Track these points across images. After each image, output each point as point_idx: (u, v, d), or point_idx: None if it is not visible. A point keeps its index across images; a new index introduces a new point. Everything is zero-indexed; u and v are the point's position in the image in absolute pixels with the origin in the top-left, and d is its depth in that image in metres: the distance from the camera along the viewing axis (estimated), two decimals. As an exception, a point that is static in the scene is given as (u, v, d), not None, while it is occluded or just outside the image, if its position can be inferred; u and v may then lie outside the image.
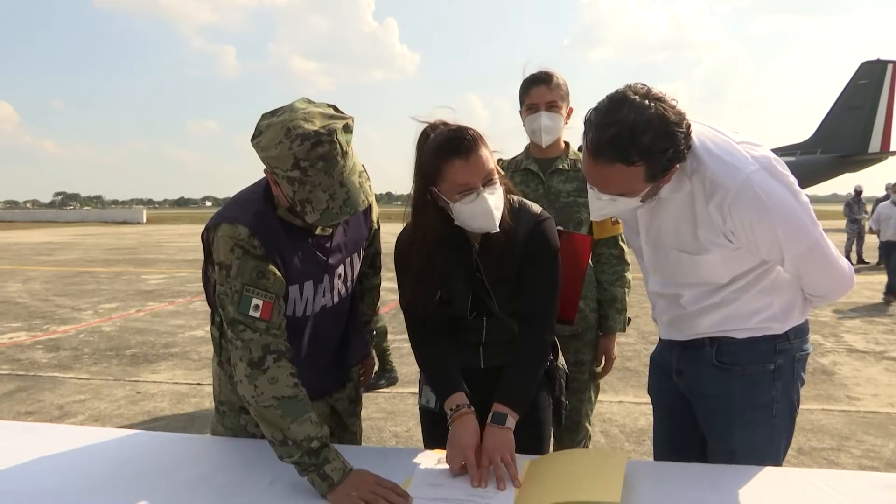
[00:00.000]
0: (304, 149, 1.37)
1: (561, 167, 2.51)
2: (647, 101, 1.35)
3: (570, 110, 2.51)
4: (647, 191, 1.47)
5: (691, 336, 1.68)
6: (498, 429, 1.56)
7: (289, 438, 1.44)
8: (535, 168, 2.52)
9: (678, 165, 1.43)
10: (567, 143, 2.58)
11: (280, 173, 1.42)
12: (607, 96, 1.41)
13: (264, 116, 1.47)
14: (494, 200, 1.57)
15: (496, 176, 1.59)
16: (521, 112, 2.51)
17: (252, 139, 1.46)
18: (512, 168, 2.56)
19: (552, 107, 2.42)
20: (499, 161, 1.64)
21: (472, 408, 1.62)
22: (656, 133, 1.35)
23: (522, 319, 1.71)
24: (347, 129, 1.43)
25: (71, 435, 1.89)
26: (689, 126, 1.41)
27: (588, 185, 1.52)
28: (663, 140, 1.36)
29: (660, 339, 1.86)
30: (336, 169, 1.40)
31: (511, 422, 1.58)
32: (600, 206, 1.52)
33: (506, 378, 1.64)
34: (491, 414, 1.59)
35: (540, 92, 2.42)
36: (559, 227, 1.80)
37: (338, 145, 1.39)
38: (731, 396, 1.64)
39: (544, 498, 1.38)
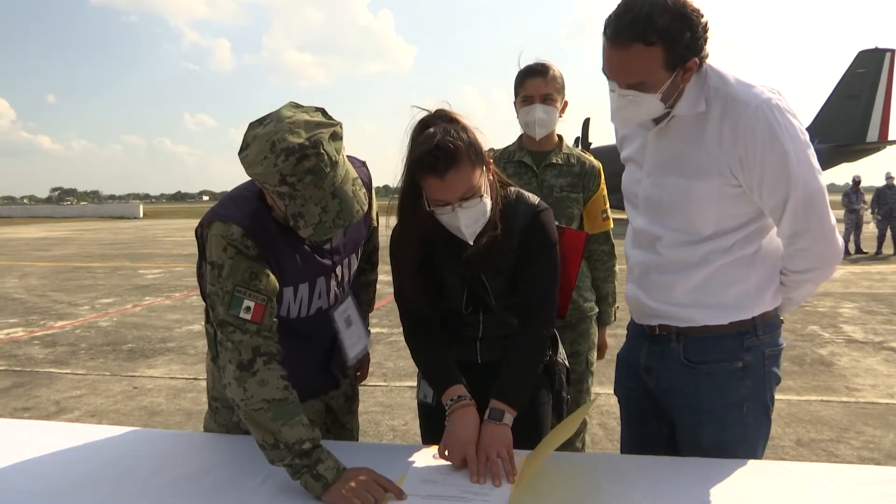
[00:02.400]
0: (289, 164, 1.33)
1: (554, 161, 2.48)
2: None
3: (566, 103, 2.48)
4: (667, 87, 1.45)
5: (660, 307, 1.63)
6: (495, 425, 1.54)
7: (280, 442, 1.41)
8: (528, 161, 2.49)
9: (696, 60, 1.43)
10: (560, 137, 2.55)
11: (269, 188, 1.39)
12: None
13: (251, 126, 1.43)
14: (470, 217, 1.53)
15: (479, 190, 1.53)
16: (515, 103, 2.48)
17: (239, 153, 1.42)
18: (504, 158, 2.53)
19: (547, 99, 2.39)
20: (490, 150, 1.60)
21: (473, 399, 1.59)
22: (674, 15, 1.37)
23: (520, 313, 1.68)
24: (335, 136, 1.39)
25: (64, 432, 1.87)
26: (707, 23, 1.42)
27: (609, 89, 1.50)
28: (681, 22, 1.38)
29: (627, 333, 1.82)
30: (326, 181, 1.37)
31: (508, 418, 1.55)
32: (622, 105, 1.49)
33: (503, 374, 1.61)
34: (488, 410, 1.57)
35: (535, 84, 2.39)
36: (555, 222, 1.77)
37: (325, 156, 1.35)
38: (699, 395, 1.60)
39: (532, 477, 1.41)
